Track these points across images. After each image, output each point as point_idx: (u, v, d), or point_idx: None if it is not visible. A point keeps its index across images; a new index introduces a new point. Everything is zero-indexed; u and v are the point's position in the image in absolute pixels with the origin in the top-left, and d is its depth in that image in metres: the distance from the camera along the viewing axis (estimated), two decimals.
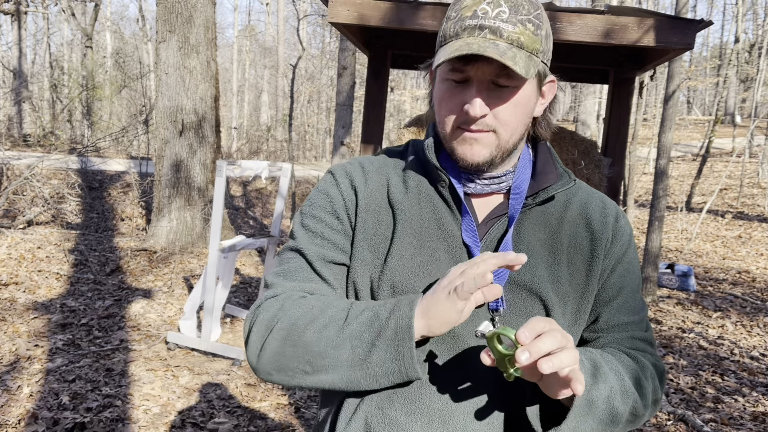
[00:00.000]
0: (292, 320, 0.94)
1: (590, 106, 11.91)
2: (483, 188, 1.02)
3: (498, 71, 0.91)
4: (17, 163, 10.21)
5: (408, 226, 1.00)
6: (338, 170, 1.08)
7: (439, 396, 0.95)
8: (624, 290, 1.05)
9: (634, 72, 2.56)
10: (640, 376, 0.99)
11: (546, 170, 1.04)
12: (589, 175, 2.50)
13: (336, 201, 1.04)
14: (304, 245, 1.03)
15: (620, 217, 1.06)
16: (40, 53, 29.34)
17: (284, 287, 1.01)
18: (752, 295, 7.61)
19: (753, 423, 4.00)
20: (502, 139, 0.96)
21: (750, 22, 28.68)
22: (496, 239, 1.00)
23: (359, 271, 1.01)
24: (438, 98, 0.99)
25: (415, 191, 1.03)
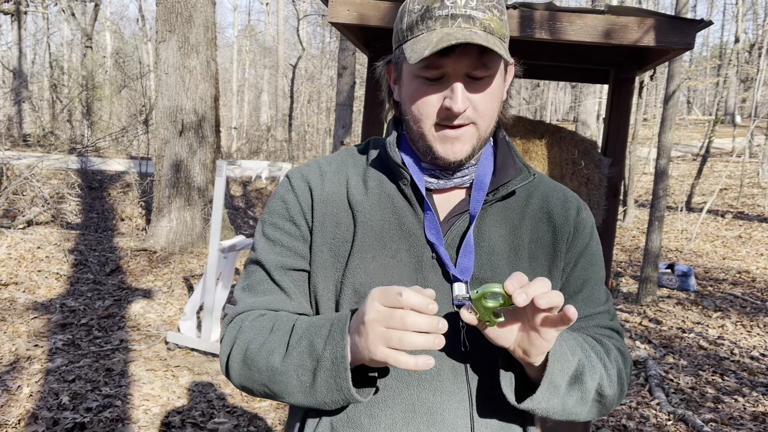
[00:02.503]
0: (246, 344, 0.95)
1: (590, 106, 11.91)
2: (446, 183, 1.00)
3: (476, 62, 0.89)
4: (17, 163, 10.21)
5: (368, 227, 0.98)
6: (295, 174, 1.06)
7: (403, 394, 0.94)
8: (588, 282, 1.04)
9: (634, 72, 2.56)
10: (605, 357, 0.99)
11: (506, 165, 1.02)
12: (589, 175, 2.50)
13: (292, 206, 1.02)
14: (264, 255, 1.02)
15: (582, 209, 1.06)
16: (40, 53, 29.35)
17: (246, 304, 1.01)
18: (752, 295, 7.61)
19: (753, 423, 4.00)
20: (481, 130, 0.95)
21: (750, 22, 28.69)
22: (459, 236, 0.99)
23: (320, 276, 0.99)
24: (410, 97, 0.95)
25: (376, 190, 1.01)
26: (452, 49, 0.88)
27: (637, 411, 4.16)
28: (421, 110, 0.94)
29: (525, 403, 0.90)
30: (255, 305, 1.00)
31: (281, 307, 1.00)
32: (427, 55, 0.86)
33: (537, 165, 2.54)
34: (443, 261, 0.96)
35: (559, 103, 39.90)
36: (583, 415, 0.97)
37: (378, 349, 0.80)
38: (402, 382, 0.95)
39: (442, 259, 0.96)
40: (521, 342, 0.86)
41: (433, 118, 0.93)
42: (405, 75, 0.96)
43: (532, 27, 2.13)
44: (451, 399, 0.95)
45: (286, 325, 0.94)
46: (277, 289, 1.00)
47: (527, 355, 0.86)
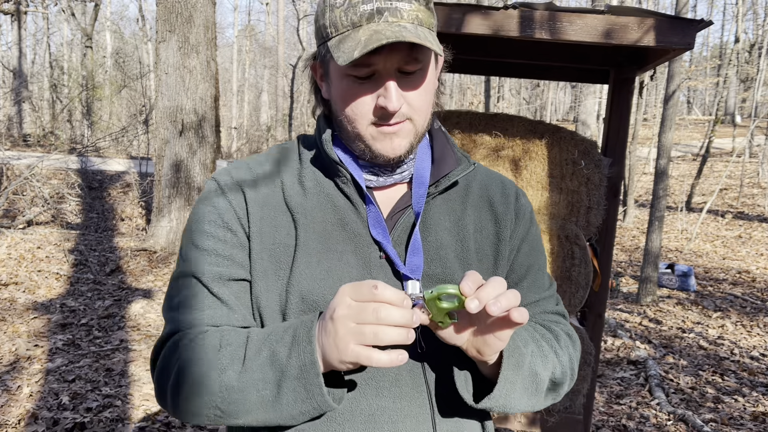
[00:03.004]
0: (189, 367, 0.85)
1: (590, 106, 11.91)
2: (386, 180, 0.97)
3: (407, 58, 0.86)
4: (17, 163, 10.21)
5: (311, 230, 0.93)
6: (222, 176, 0.98)
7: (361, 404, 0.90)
8: (532, 269, 1.04)
9: (634, 72, 2.56)
10: (555, 344, 0.99)
11: (445, 156, 1.00)
12: (589, 175, 2.50)
13: (225, 211, 0.94)
14: (197, 267, 0.92)
15: (520, 195, 1.05)
16: (40, 53, 29.34)
17: (181, 323, 0.91)
18: (752, 295, 7.61)
19: (753, 423, 4.00)
20: (417, 125, 0.92)
21: (750, 22, 28.69)
22: (405, 233, 0.96)
23: (262, 285, 0.92)
24: (340, 97, 0.91)
25: (314, 191, 0.96)
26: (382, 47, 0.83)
27: (637, 411, 4.16)
28: (354, 111, 0.90)
29: (483, 402, 0.89)
30: (192, 323, 0.90)
31: (224, 323, 0.91)
32: (357, 57, 0.82)
33: (537, 165, 2.54)
34: (392, 260, 0.93)
35: (559, 103, 39.90)
36: (539, 406, 0.96)
37: (348, 347, 0.76)
38: (359, 391, 0.90)
39: (391, 257, 0.93)
40: (475, 342, 0.84)
41: (368, 117, 0.90)
42: (333, 74, 0.91)
43: (532, 27, 2.13)
44: (412, 404, 0.91)
45: (237, 338, 0.86)
46: (217, 302, 0.91)
47: (481, 355, 0.84)
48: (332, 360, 0.79)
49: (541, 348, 0.95)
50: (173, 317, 0.92)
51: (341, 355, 0.77)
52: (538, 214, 2.54)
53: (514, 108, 25.38)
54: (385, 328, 0.74)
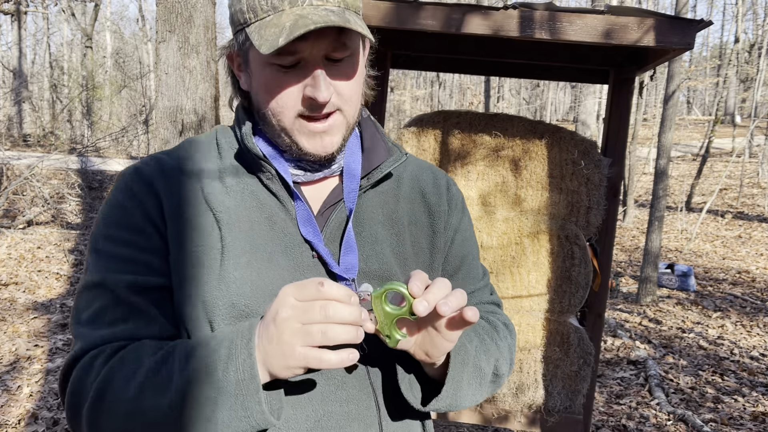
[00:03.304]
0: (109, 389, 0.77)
1: (590, 106, 11.91)
2: (314, 174, 0.90)
3: (335, 44, 0.80)
4: (17, 163, 10.21)
5: (236, 231, 0.85)
6: (132, 175, 0.88)
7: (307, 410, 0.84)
8: (466, 259, 1.02)
9: (634, 72, 2.56)
10: (495, 335, 0.97)
11: (375, 146, 0.95)
12: (589, 175, 2.50)
13: (135, 213, 0.85)
14: (108, 276, 0.83)
15: (451, 185, 1.02)
16: (40, 53, 29.35)
17: (93, 339, 0.82)
18: (752, 295, 7.61)
19: (753, 423, 4.00)
20: (348, 117, 0.86)
21: (750, 22, 28.69)
22: (337, 230, 0.90)
23: (185, 292, 0.83)
24: (263, 88, 0.84)
25: (237, 188, 0.88)
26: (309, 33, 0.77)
27: (637, 411, 4.16)
28: (279, 103, 0.83)
29: (431, 405, 0.86)
30: (107, 338, 0.81)
31: (143, 336, 0.82)
32: (282, 45, 0.75)
33: (537, 165, 2.54)
34: (324, 260, 0.87)
35: (559, 103, 39.90)
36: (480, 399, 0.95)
37: (295, 350, 0.71)
38: (305, 397, 0.84)
39: (323, 257, 0.87)
40: (422, 344, 0.81)
41: (294, 110, 0.83)
42: (254, 63, 0.84)
43: (532, 27, 2.13)
44: (359, 407, 0.87)
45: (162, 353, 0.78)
46: (134, 313, 0.82)
47: (430, 357, 0.81)
48: (277, 368, 0.73)
49: (484, 342, 0.93)
50: (84, 333, 0.83)
51: (287, 360, 0.72)
52: (538, 214, 2.54)
53: (514, 108, 25.39)
54: (333, 326, 0.70)
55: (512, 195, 2.56)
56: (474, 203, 2.59)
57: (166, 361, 0.77)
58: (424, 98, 26.62)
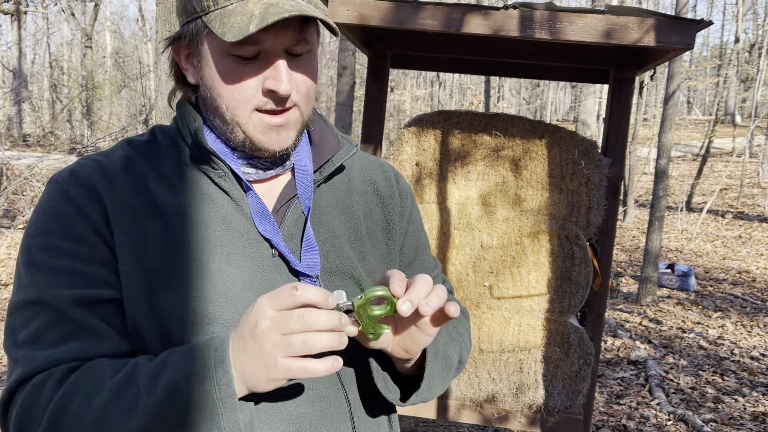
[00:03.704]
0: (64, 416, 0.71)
1: (590, 106, 11.91)
2: (266, 172, 0.87)
3: (297, 37, 0.78)
4: (17, 163, 10.22)
5: (190, 233, 0.80)
6: (66, 179, 0.80)
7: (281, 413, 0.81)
8: (419, 249, 1.03)
9: (634, 72, 2.56)
10: (457, 324, 1.00)
11: (325, 139, 0.92)
12: (589, 175, 2.50)
13: (76, 221, 0.77)
14: (47, 291, 0.75)
15: (399, 177, 1.03)
16: (39, 53, 29.36)
17: (36, 363, 0.74)
18: (752, 295, 7.61)
19: (753, 423, 4.00)
20: (304, 114, 0.84)
21: (750, 22, 28.70)
22: (296, 227, 0.87)
23: (139, 303, 0.77)
24: (219, 79, 0.80)
25: (186, 187, 0.83)
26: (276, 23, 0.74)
27: (637, 411, 4.16)
28: (237, 95, 0.79)
29: (411, 399, 0.88)
30: (53, 360, 0.74)
31: (94, 355, 0.76)
32: (254, 32, 0.72)
33: (537, 165, 2.54)
34: (286, 257, 0.84)
35: (559, 103, 39.91)
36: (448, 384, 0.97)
37: (277, 362, 0.68)
38: (280, 398, 0.81)
39: (284, 255, 0.84)
40: (401, 341, 0.81)
41: (251, 103, 0.79)
42: (209, 53, 0.80)
43: (532, 27, 2.13)
44: (331, 405, 0.85)
45: (123, 374, 0.72)
46: (81, 331, 0.75)
47: (408, 353, 0.82)
48: (257, 382, 0.70)
49: (449, 331, 0.96)
50: (26, 356, 0.74)
51: (269, 373, 0.69)
52: (538, 214, 2.54)
53: (514, 108, 25.40)
54: (314, 334, 0.68)
55: (512, 195, 2.56)
56: (474, 203, 2.59)
57: (130, 380, 0.71)
58: (424, 98, 26.64)
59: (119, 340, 0.78)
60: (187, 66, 0.86)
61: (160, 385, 0.70)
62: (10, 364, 0.77)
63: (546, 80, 14.42)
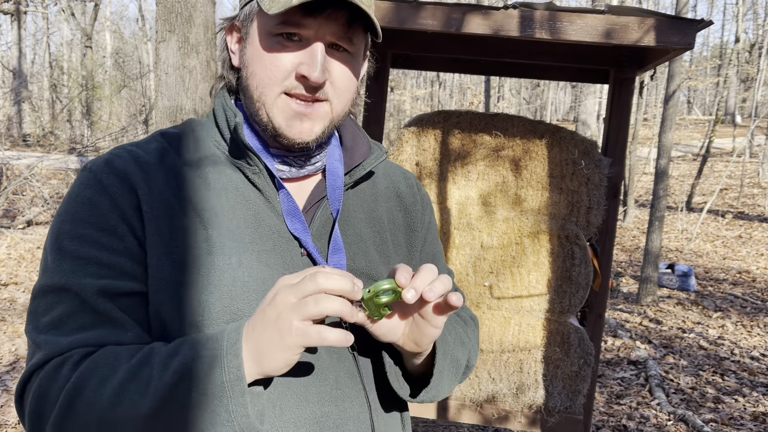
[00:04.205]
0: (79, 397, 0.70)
1: (590, 106, 11.91)
2: (299, 171, 0.87)
3: (343, 31, 0.78)
4: (17, 163, 10.21)
5: (223, 229, 0.80)
6: (103, 168, 0.80)
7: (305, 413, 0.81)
8: (436, 257, 1.05)
9: (634, 72, 2.56)
10: (465, 328, 1.02)
11: (357, 144, 0.93)
12: (589, 175, 2.50)
13: (107, 211, 0.77)
14: (73, 279, 0.75)
15: (420, 185, 1.06)
16: (39, 53, 29.36)
17: (57, 347, 0.74)
18: (752, 295, 7.61)
19: (753, 423, 4.00)
20: (335, 111, 0.83)
21: (750, 22, 28.69)
22: (324, 228, 0.88)
23: (166, 296, 0.77)
24: (257, 57, 0.80)
25: (219, 183, 0.83)
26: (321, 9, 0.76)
27: (637, 411, 4.15)
28: (269, 74, 0.79)
29: (420, 396, 0.88)
30: (73, 345, 0.74)
31: (113, 344, 0.76)
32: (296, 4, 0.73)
33: (537, 165, 2.54)
34: (314, 257, 0.85)
35: (559, 103, 39.90)
36: (452, 390, 1.00)
37: (293, 325, 0.68)
38: (302, 399, 0.81)
39: (312, 255, 0.84)
40: (411, 333, 0.81)
41: (281, 85, 0.79)
42: (255, 33, 0.81)
43: (532, 27, 2.13)
44: (353, 406, 0.86)
45: (138, 357, 0.72)
46: (102, 320, 0.76)
47: (418, 346, 0.82)
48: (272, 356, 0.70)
49: (459, 335, 0.97)
50: (47, 340, 0.75)
51: (284, 339, 0.69)
52: (538, 214, 2.54)
53: (514, 108, 25.39)
54: (327, 296, 0.68)
55: (512, 195, 2.56)
56: (474, 203, 2.58)
57: (145, 364, 0.71)
58: (424, 98, 26.62)
59: (140, 332, 0.78)
60: (235, 49, 0.87)
61: (172, 367, 0.70)
62: (30, 348, 0.77)
63: (546, 80, 14.43)
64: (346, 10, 0.78)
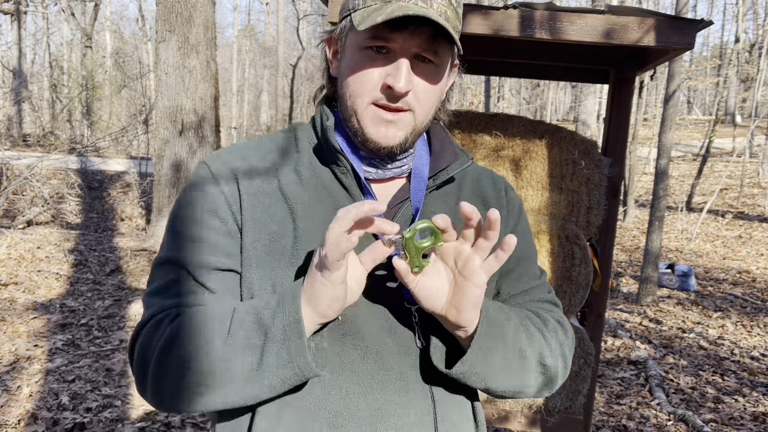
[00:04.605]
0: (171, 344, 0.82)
1: (590, 106, 11.91)
2: (385, 173, 0.95)
3: (427, 44, 0.85)
4: (17, 163, 10.21)
5: (309, 221, 0.90)
6: (214, 161, 0.95)
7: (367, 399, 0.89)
8: (522, 260, 1.05)
9: (634, 72, 2.56)
10: (543, 327, 0.98)
11: (444, 150, 1.00)
12: (589, 175, 2.50)
13: (214, 198, 0.91)
14: (181, 254, 0.89)
15: (509, 189, 1.08)
16: (39, 53, 29.35)
17: (160, 307, 0.88)
18: (752, 295, 7.61)
19: (753, 423, 4.00)
20: (418, 120, 0.91)
21: (750, 22, 28.69)
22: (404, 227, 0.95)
23: (256, 275, 0.89)
24: (350, 68, 0.89)
25: (311, 180, 0.93)
26: (406, 25, 0.83)
27: (637, 411, 4.16)
28: (360, 84, 0.88)
29: (456, 367, 0.88)
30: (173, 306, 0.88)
31: None
32: (380, 22, 0.80)
33: (537, 165, 2.54)
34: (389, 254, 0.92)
35: (559, 103, 39.89)
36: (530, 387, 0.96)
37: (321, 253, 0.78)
38: (367, 386, 0.89)
39: None
40: (453, 297, 0.84)
41: (371, 95, 0.88)
42: (349, 47, 0.90)
43: (532, 27, 2.13)
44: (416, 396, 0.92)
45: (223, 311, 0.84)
46: (201, 289, 0.89)
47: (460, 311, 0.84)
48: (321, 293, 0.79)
49: (527, 327, 0.94)
50: (153, 302, 0.89)
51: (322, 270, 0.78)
52: (538, 214, 2.54)
53: (514, 108, 25.38)
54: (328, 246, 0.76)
55: None
56: None
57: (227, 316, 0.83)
58: None
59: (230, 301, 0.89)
60: (333, 60, 0.96)
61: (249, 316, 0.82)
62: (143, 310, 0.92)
63: (546, 80, 14.43)
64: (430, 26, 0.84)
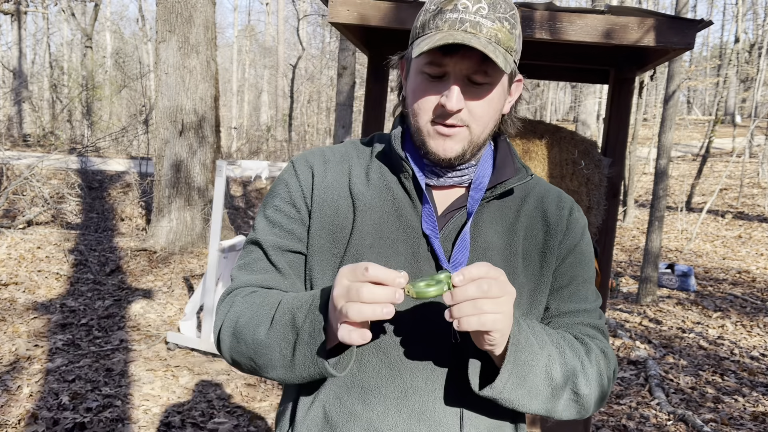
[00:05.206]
0: (236, 318, 0.99)
1: (590, 106, 11.91)
2: (445, 180, 1.04)
3: (476, 67, 0.93)
4: (17, 163, 10.21)
5: (367, 216, 1.02)
6: (299, 160, 1.11)
7: (396, 382, 0.97)
8: (575, 280, 1.06)
9: (634, 72, 2.56)
10: (584, 356, 0.99)
11: (505, 164, 1.06)
12: (589, 175, 2.50)
13: (294, 190, 1.07)
14: (262, 236, 1.06)
15: (574, 210, 1.10)
16: (40, 53, 29.34)
17: (241, 281, 1.05)
18: (752, 295, 7.61)
19: (753, 423, 4.00)
20: (474, 134, 0.98)
21: (750, 22, 28.68)
22: (455, 231, 1.02)
23: (316, 259, 1.03)
24: (412, 90, 1.00)
25: (377, 182, 1.05)
26: (455, 50, 0.91)
27: (637, 411, 4.16)
28: (420, 105, 0.98)
29: (485, 390, 0.91)
30: (249, 282, 1.04)
31: (275, 286, 1.04)
32: (425, 50, 0.90)
33: (537, 165, 2.54)
34: (437, 254, 0.99)
35: (559, 103, 39.88)
36: (559, 412, 0.98)
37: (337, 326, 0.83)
38: (394, 370, 0.98)
39: (436, 252, 0.99)
40: None
41: (429, 113, 0.97)
42: (412, 70, 1.00)
43: (532, 27, 2.13)
44: (443, 388, 0.98)
45: (274, 300, 0.98)
46: (273, 268, 1.05)
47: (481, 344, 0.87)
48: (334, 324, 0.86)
49: (564, 354, 0.96)
50: (238, 275, 1.07)
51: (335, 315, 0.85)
52: None
53: None
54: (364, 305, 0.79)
55: None
56: None
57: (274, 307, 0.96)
58: None
59: (295, 281, 1.05)
60: (404, 81, 1.07)
61: (288, 313, 0.93)
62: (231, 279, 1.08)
63: (546, 80, 14.46)
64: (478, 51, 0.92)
